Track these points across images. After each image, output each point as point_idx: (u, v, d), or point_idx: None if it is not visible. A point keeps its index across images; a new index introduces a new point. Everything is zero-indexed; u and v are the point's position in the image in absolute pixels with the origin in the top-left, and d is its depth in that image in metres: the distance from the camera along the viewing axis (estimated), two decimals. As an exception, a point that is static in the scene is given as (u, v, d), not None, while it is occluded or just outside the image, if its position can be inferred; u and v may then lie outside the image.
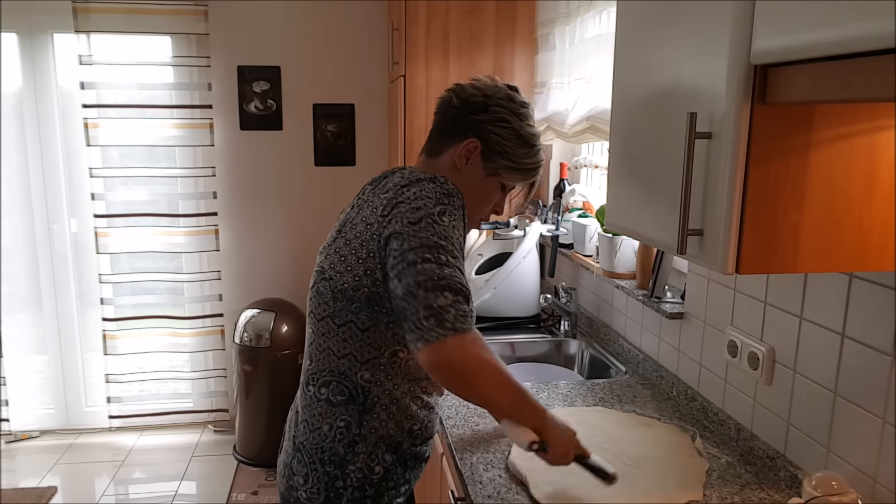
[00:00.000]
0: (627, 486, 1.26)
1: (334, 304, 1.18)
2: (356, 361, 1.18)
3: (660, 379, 1.80)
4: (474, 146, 1.26)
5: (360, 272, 1.14)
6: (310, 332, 1.26)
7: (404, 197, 1.13)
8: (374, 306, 1.14)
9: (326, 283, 1.20)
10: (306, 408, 1.25)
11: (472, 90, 1.28)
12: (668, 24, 0.98)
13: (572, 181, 2.59)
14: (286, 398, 3.17)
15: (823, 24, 0.65)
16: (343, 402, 1.20)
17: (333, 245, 1.22)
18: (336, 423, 1.20)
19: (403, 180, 1.18)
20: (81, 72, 3.15)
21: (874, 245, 0.86)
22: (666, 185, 0.99)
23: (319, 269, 1.24)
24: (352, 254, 1.16)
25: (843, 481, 1.07)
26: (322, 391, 1.22)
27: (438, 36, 2.69)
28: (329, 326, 1.20)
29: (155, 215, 3.36)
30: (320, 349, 1.22)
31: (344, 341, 1.18)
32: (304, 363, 1.28)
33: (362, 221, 1.18)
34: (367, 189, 1.28)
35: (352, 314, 1.16)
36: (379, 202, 1.17)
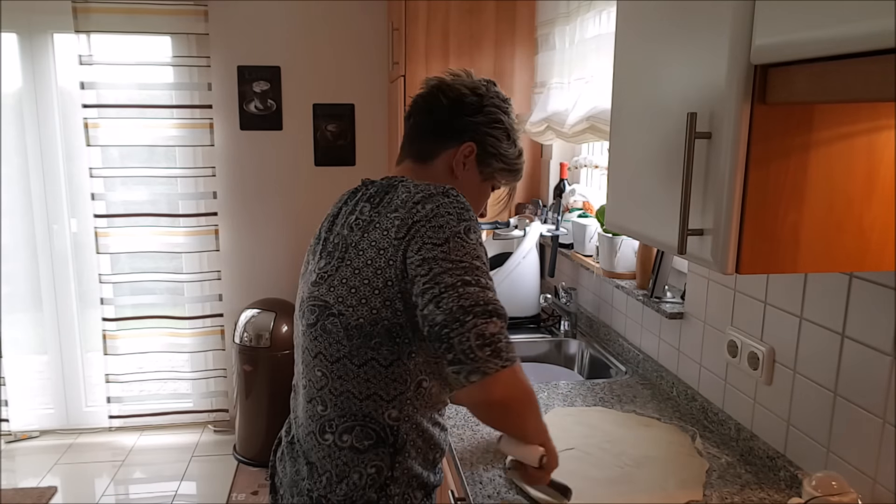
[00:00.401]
0: (627, 486, 1.26)
1: (349, 343, 1.05)
2: (382, 401, 1.07)
3: (660, 379, 1.80)
4: (471, 150, 1.20)
5: (378, 304, 1.03)
6: (319, 375, 1.10)
7: (421, 216, 1.03)
8: (395, 339, 1.04)
9: (335, 319, 1.06)
10: (325, 459, 1.11)
11: (462, 88, 1.20)
12: (668, 24, 0.98)
13: (572, 181, 2.59)
14: (286, 398, 3.17)
15: (823, 23, 0.65)
16: (371, 446, 1.08)
17: (337, 275, 1.08)
18: (366, 470, 1.09)
19: (413, 196, 1.06)
20: (81, 72, 3.15)
21: (874, 245, 0.86)
22: (666, 185, 0.98)
23: (321, 303, 1.09)
24: (364, 284, 1.04)
25: (843, 481, 1.07)
26: (344, 438, 1.09)
27: (438, 36, 2.69)
28: (347, 368, 1.07)
29: (155, 215, 3.36)
30: (336, 393, 1.09)
31: (367, 381, 1.06)
32: (312, 408, 1.13)
33: (372, 247, 1.05)
34: (363, 207, 1.13)
35: (372, 351, 1.05)
36: (389, 223, 1.05)
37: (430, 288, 0.97)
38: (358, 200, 1.16)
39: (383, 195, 1.12)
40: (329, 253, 1.12)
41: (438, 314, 0.96)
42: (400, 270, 1.02)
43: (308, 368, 1.13)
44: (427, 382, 1.10)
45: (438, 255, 0.99)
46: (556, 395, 1.72)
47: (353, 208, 1.15)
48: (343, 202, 1.21)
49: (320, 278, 1.11)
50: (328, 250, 1.13)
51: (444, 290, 0.96)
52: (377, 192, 1.14)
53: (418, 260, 1.00)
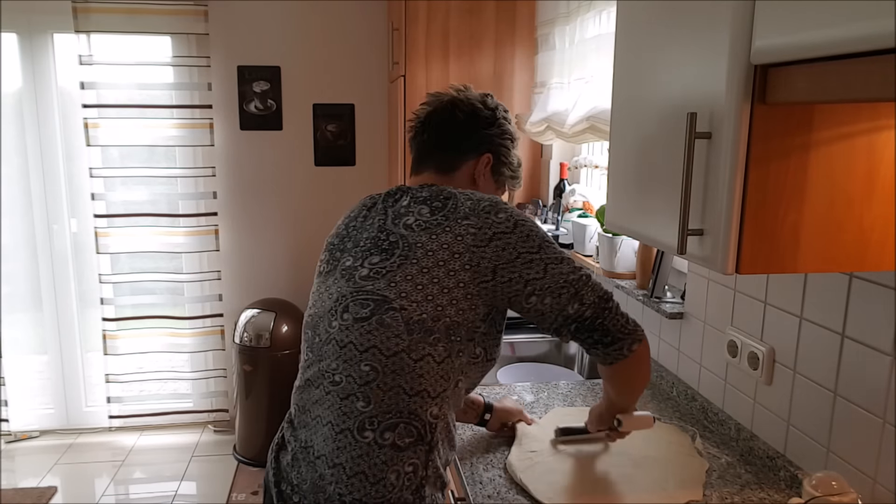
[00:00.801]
0: (627, 486, 1.26)
1: (409, 338, 1.08)
2: (428, 397, 1.10)
3: (660, 379, 1.80)
4: (489, 160, 1.30)
5: (444, 302, 1.09)
6: (367, 369, 1.10)
7: (501, 227, 1.10)
8: (451, 336, 1.10)
9: (396, 313, 1.09)
10: (360, 458, 1.09)
11: (476, 102, 1.30)
12: (668, 24, 0.98)
13: (572, 181, 2.59)
14: (286, 398, 3.17)
15: (823, 24, 0.65)
16: (411, 444, 1.10)
17: (400, 272, 1.11)
18: (404, 469, 1.09)
19: (479, 205, 1.13)
20: (81, 72, 3.15)
21: (874, 245, 0.86)
22: (666, 185, 0.99)
23: (378, 297, 1.10)
24: (433, 283, 1.09)
25: (843, 481, 1.07)
26: (386, 436, 1.09)
27: (438, 36, 2.69)
28: (404, 362, 1.09)
29: (155, 215, 3.36)
30: (386, 388, 1.09)
31: (420, 377, 1.09)
32: (349, 405, 1.10)
33: (444, 249, 1.10)
34: (421, 209, 1.16)
35: (429, 346, 1.09)
36: (462, 230, 1.11)
37: (563, 289, 1.09)
38: (409, 203, 1.18)
39: (443, 200, 1.16)
40: (384, 250, 1.14)
41: (586, 309, 1.10)
42: (481, 273, 1.09)
43: (350, 364, 1.11)
44: (462, 383, 1.15)
45: (545, 259, 1.10)
46: (556, 395, 1.72)
47: (404, 210, 1.18)
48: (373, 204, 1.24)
49: (376, 273, 1.12)
50: (382, 247, 1.15)
51: (579, 287, 1.10)
52: (432, 197, 1.17)
53: (523, 264, 1.09)
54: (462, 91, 1.33)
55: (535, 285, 1.09)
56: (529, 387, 1.77)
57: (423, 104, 1.34)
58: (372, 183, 3.52)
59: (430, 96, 1.34)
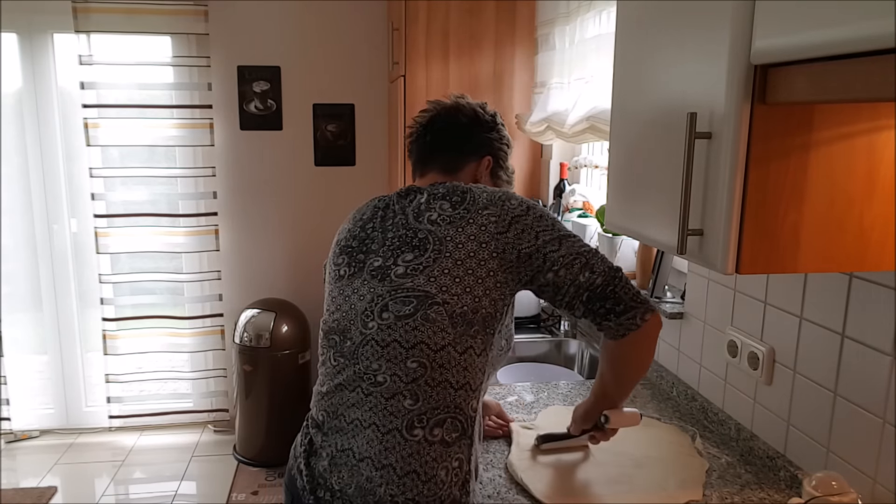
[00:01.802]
0: (627, 486, 1.26)
1: (454, 331, 1.10)
2: (470, 390, 1.12)
3: (660, 379, 1.80)
4: (489, 163, 1.36)
5: (480, 293, 1.12)
6: (414, 366, 1.10)
7: (517, 211, 1.15)
8: (487, 328, 1.13)
9: (440, 307, 1.10)
10: (410, 457, 1.09)
11: (476, 108, 1.37)
12: (668, 24, 0.98)
13: (572, 181, 2.59)
14: (286, 398, 3.17)
15: (823, 24, 0.65)
16: (457, 438, 1.11)
17: (437, 266, 1.13)
18: (451, 464, 1.11)
19: (495, 194, 1.18)
20: (81, 72, 3.15)
21: (874, 245, 0.86)
22: (666, 185, 0.99)
23: (420, 293, 1.12)
24: (468, 274, 1.12)
25: (843, 481, 1.07)
26: (436, 432, 1.10)
27: (438, 36, 2.69)
28: (450, 356, 1.10)
29: (155, 215, 3.36)
30: (434, 384, 1.10)
31: (464, 370, 1.11)
32: (396, 404, 1.10)
33: (471, 240, 1.13)
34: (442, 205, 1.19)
35: (470, 339, 1.11)
36: (484, 220, 1.15)
37: (575, 259, 1.12)
38: (429, 199, 1.21)
39: (462, 195, 1.19)
40: (416, 247, 1.16)
41: (597, 277, 1.11)
42: (507, 260, 1.13)
43: (394, 362, 1.11)
44: (490, 375, 1.19)
45: (558, 235, 1.14)
46: (556, 395, 1.72)
47: (425, 206, 1.20)
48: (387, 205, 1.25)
49: (413, 270, 1.14)
50: (413, 244, 1.17)
51: (590, 258, 1.12)
52: (450, 193, 1.20)
53: (543, 243, 1.13)
54: (461, 98, 1.39)
55: (552, 259, 1.12)
56: (529, 387, 1.77)
57: (424, 111, 1.39)
58: (372, 183, 3.52)
59: (430, 103, 1.40)
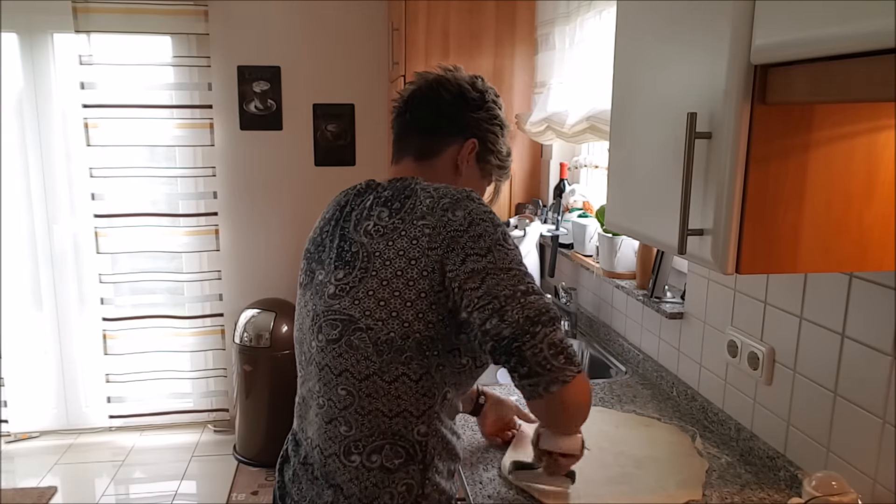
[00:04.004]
0: (627, 486, 1.26)
1: (379, 359, 1.01)
2: (412, 416, 1.04)
3: (660, 379, 1.80)
4: (473, 146, 1.19)
5: (410, 317, 1.00)
6: (343, 394, 1.04)
7: (455, 225, 1.00)
8: (424, 352, 1.01)
9: (363, 334, 1.02)
10: (351, 481, 1.06)
11: (463, 83, 1.20)
12: (668, 24, 0.98)
13: (572, 181, 2.59)
14: (286, 398, 3.17)
15: (823, 23, 0.65)
16: (401, 465, 1.05)
17: (362, 287, 1.03)
18: (397, 489, 1.05)
19: (438, 202, 1.03)
20: (81, 72, 3.15)
21: (874, 245, 0.86)
22: (666, 185, 0.98)
23: (344, 317, 1.03)
24: (395, 296, 1.00)
25: (843, 481, 1.07)
26: (373, 459, 1.05)
27: (438, 36, 2.69)
28: (376, 385, 1.02)
29: (155, 215, 3.36)
30: (363, 412, 1.04)
31: (397, 398, 1.03)
32: (333, 429, 1.07)
33: (400, 256, 1.01)
34: (381, 213, 1.07)
35: (402, 366, 1.01)
36: (417, 232, 1.01)
37: (489, 302, 0.95)
38: (372, 205, 1.09)
39: (403, 200, 1.06)
40: (347, 262, 1.06)
41: (505, 328, 0.94)
42: (436, 282, 0.99)
43: (328, 387, 1.07)
44: (451, 394, 1.08)
45: (487, 265, 0.97)
46: (556, 395, 1.72)
47: (366, 213, 1.08)
48: (345, 204, 1.15)
49: (340, 290, 1.05)
50: (345, 259, 1.06)
51: (505, 303, 0.95)
52: (394, 196, 1.08)
53: (465, 272, 0.97)
54: (450, 71, 1.22)
55: (469, 297, 0.97)
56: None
57: (409, 83, 1.23)
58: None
59: (416, 75, 1.24)
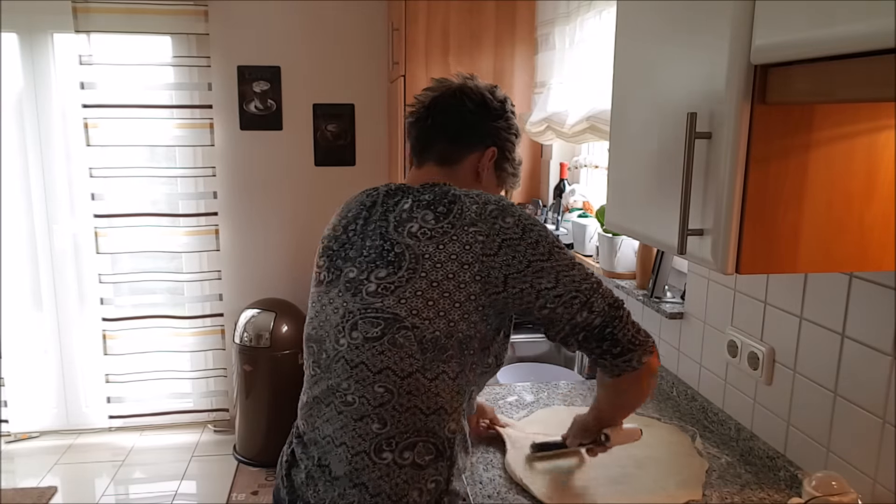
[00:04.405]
0: (627, 486, 1.26)
1: (423, 357, 1.05)
2: (445, 414, 1.07)
3: (660, 379, 1.79)
4: (493, 154, 1.24)
5: (456, 317, 1.04)
6: (381, 391, 1.06)
7: (509, 233, 1.05)
8: (464, 350, 1.07)
9: (409, 332, 1.04)
10: (381, 479, 1.06)
11: (485, 92, 1.24)
12: (668, 24, 0.98)
13: (572, 181, 2.59)
14: (286, 398, 3.17)
15: (823, 23, 0.65)
16: (432, 461, 1.08)
17: (409, 286, 1.05)
18: (426, 486, 1.07)
19: (482, 208, 1.08)
20: (81, 72, 3.15)
21: (874, 245, 0.86)
22: (666, 185, 0.98)
23: (389, 315, 1.05)
24: (444, 297, 1.04)
25: (843, 481, 1.07)
26: (405, 456, 1.06)
27: (438, 36, 2.69)
28: (419, 382, 1.05)
29: (155, 215, 3.36)
30: (402, 409, 1.05)
31: (436, 396, 1.06)
32: (364, 427, 1.07)
33: (452, 260, 1.05)
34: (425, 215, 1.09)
35: (443, 364, 1.05)
36: (470, 238, 1.05)
37: (574, 297, 1.05)
38: (412, 207, 1.11)
39: (448, 205, 1.09)
40: (391, 262, 1.08)
41: (595, 317, 1.06)
42: (492, 284, 1.05)
43: (362, 385, 1.07)
44: (475, 392, 1.15)
45: (555, 266, 1.05)
46: (556, 395, 1.72)
47: (407, 215, 1.11)
48: (372, 205, 1.18)
49: (383, 289, 1.07)
50: (387, 259, 1.08)
51: (589, 296, 1.06)
52: (436, 201, 1.10)
53: (534, 274, 1.05)
54: (470, 79, 1.26)
55: (546, 296, 1.05)
56: (529, 387, 1.77)
57: (428, 89, 1.27)
58: (372, 183, 3.49)
59: (435, 81, 1.27)
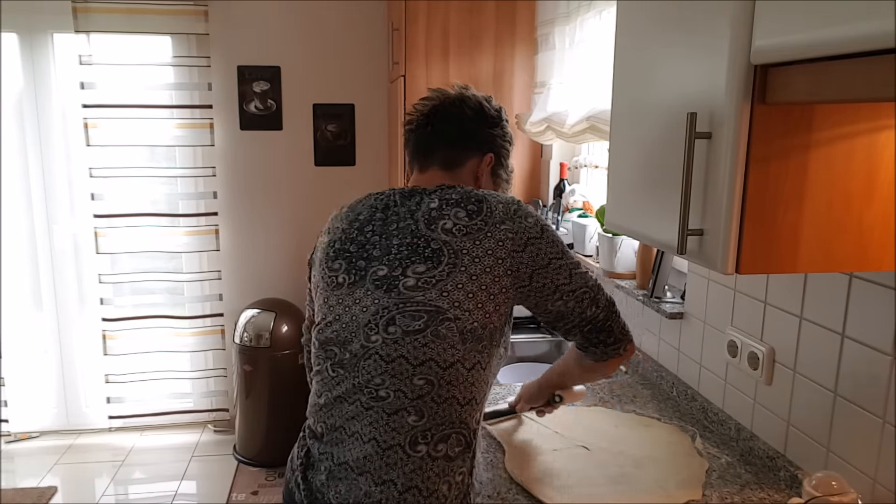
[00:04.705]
0: (627, 486, 1.26)
1: (463, 347, 1.08)
2: (475, 404, 1.12)
3: (660, 379, 1.80)
4: (491, 160, 1.31)
5: (490, 308, 1.10)
6: (421, 383, 1.07)
7: (532, 232, 1.13)
8: (493, 341, 1.13)
9: (451, 323, 1.08)
10: (413, 473, 1.06)
11: (482, 101, 1.31)
12: (668, 24, 0.98)
13: (572, 181, 2.59)
14: (286, 398, 3.17)
15: (823, 23, 0.65)
16: (461, 453, 1.10)
17: (450, 280, 1.09)
18: (454, 478, 1.09)
19: (507, 207, 1.15)
20: (81, 72, 3.15)
21: (874, 245, 0.86)
22: (666, 185, 0.98)
23: (431, 308, 1.08)
24: (482, 290, 1.09)
25: (843, 481, 1.07)
26: (439, 447, 1.08)
27: (438, 36, 2.69)
28: (458, 373, 1.08)
29: (155, 215, 3.36)
30: (440, 400, 1.08)
31: (472, 386, 1.10)
32: (398, 420, 1.07)
33: (488, 255, 1.10)
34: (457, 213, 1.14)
35: (478, 354, 1.10)
36: (502, 235, 1.12)
37: (585, 293, 1.16)
38: (441, 206, 1.15)
39: (477, 203, 1.15)
40: (429, 258, 1.11)
41: (600, 312, 1.18)
42: (521, 279, 1.13)
43: (399, 378, 1.08)
44: (492, 382, 1.18)
45: (567, 264, 1.15)
46: (556, 395, 1.72)
47: (437, 213, 1.15)
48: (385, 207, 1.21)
49: (424, 283, 1.10)
50: (425, 255, 1.12)
51: (595, 293, 1.18)
52: (465, 199, 1.15)
53: (554, 271, 1.14)
54: (466, 89, 1.33)
55: (563, 290, 1.15)
56: (529, 387, 1.77)
57: (425, 99, 1.32)
58: (372, 183, 3.52)
59: (433, 91, 1.33)
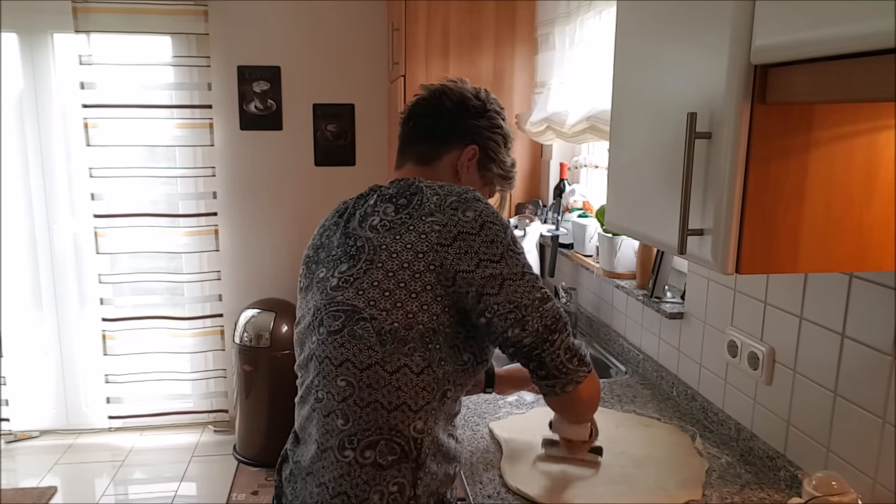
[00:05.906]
0: (627, 486, 1.26)
1: (382, 349, 1.03)
2: (410, 411, 1.04)
3: (660, 379, 1.80)
4: (474, 153, 1.23)
5: (414, 308, 1.02)
6: (342, 385, 1.05)
7: (466, 226, 1.03)
8: (427, 344, 1.04)
9: (366, 323, 1.03)
10: (342, 478, 1.05)
11: (466, 92, 1.24)
12: (668, 24, 0.98)
13: (572, 181, 2.59)
14: (286, 398, 3.17)
15: (823, 23, 0.65)
16: (394, 462, 1.04)
17: (366, 278, 1.04)
18: (388, 488, 1.04)
19: (446, 200, 1.06)
20: (81, 72, 3.15)
21: (874, 245, 0.86)
22: (666, 185, 0.98)
23: (348, 307, 1.05)
24: (400, 287, 1.02)
25: (843, 481, 1.07)
26: (367, 454, 1.04)
27: (438, 36, 2.69)
28: (378, 375, 1.03)
29: (155, 215, 3.36)
30: (363, 404, 1.04)
31: (397, 390, 1.03)
32: (330, 423, 1.06)
33: (407, 249, 1.04)
34: (386, 209, 1.10)
35: (405, 357, 1.03)
36: (426, 227, 1.04)
37: (511, 311, 1.02)
38: (376, 202, 1.12)
39: (409, 196, 1.09)
40: (352, 256, 1.08)
41: (526, 336, 1.03)
42: (445, 277, 1.03)
43: (327, 379, 1.07)
44: (451, 392, 1.09)
45: (502, 271, 1.02)
46: (556, 395, 1.72)
47: (370, 210, 1.12)
48: (344, 210, 1.19)
49: (344, 282, 1.07)
50: (350, 254, 1.08)
51: (525, 313, 1.02)
52: (399, 194, 1.11)
53: (481, 277, 1.02)
54: (455, 82, 1.27)
55: (487, 302, 1.02)
56: (529, 387, 1.77)
57: (416, 95, 1.29)
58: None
59: (422, 87, 1.29)
